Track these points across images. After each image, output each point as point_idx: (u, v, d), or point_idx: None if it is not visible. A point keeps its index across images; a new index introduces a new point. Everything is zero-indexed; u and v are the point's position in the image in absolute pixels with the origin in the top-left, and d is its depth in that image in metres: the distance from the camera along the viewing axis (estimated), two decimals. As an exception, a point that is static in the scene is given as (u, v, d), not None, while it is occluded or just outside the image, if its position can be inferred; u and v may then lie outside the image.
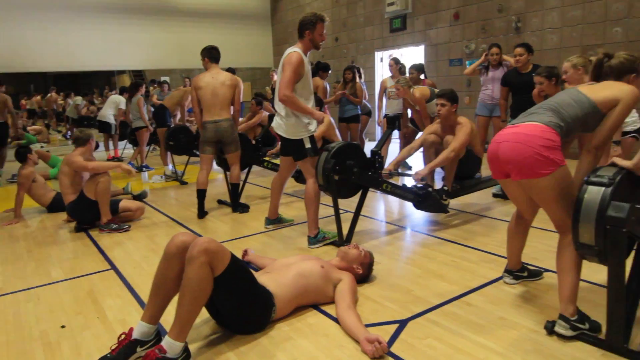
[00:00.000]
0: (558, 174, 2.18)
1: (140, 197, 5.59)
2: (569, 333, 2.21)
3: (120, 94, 9.58)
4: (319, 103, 5.47)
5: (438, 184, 4.49)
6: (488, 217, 4.30)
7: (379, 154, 3.77)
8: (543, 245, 3.33)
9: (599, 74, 2.49)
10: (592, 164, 2.32)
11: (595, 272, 2.72)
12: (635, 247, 2.26)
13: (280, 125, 3.60)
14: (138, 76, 17.20)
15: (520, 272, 2.86)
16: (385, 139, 4.03)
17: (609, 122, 2.28)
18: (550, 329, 2.27)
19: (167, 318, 2.20)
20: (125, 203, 4.65)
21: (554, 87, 3.86)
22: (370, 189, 3.86)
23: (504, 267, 2.88)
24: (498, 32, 8.04)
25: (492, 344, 2.22)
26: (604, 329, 2.17)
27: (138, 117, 7.50)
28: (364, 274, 2.89)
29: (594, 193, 2.04)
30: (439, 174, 5.23)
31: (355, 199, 3.79)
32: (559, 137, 2.21)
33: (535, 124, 2.25)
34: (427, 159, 4.37)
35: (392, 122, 4.07)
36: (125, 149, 10.03)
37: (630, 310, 2.17)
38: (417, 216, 4.46)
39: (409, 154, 4.29)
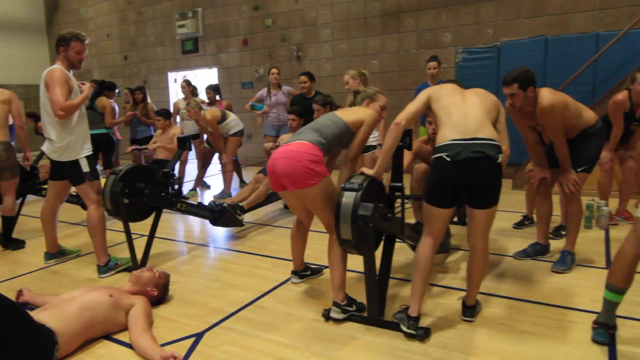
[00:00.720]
0: (323, 183, 2.58)
1: None
2: (341, 316, 2.62)
3: None
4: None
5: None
6: (279, 227, 4.69)
7: (172, 174, 3.79)
8: (322, 246, 3.78)
9: (353, 101, 3.06)
10: (348, 173, 2.82)
11: (360, 262, 3.26)
12: (383, 238, 2.82)
13: (52, 151, 3.33)
14: None
15: (304, 271, 3.24)
16: (177, 160, 4.07)
17: (358, 139, 2.81)
18: (327, 315, 2.65)
19: None
20: None
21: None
22: (166, 210, 3.85)
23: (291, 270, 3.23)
24: (283, 59, 8.82)
25: (280, 338, 2.48)
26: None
27: None
28: (159, 295, 2.89)
29: (348, 197, 2.48)
30: (235, 190, 5.48)
31: (150, 221, 3.73)
32: (321, 152, 2.62)
33: (302, 142, 2.63)
34: None
35: (182, 143, 4.11)
36: None
37: (383, 290, 2.70)
38: (216, 232, 4.59)
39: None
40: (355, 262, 2.85)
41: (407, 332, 2.39)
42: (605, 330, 2.29)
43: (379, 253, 2.68)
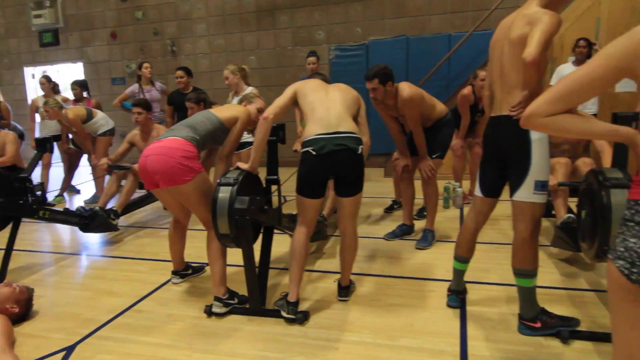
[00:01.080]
0: (198, 179, 2.58)
1: None
2: (223, 310, 2.65)
3: None
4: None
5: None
6: (159, 228, 4.54)
7: (29, 179, 3.46)
8: (203, 244, 3.76)
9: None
10: (224, 168, 2.85)
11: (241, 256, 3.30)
12: (262, 231, 2.90)
13: None
14: None
15: (185, 270, 3.20)
16: (35, 164, 3.72)
17: (232, 135, 2.85)
18: (209, 311, 2.66)
19: None
20: None
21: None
22: (29, 220, 3.51)
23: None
24: (156, 54, 8.43)
25: (160, 339, 2.44)
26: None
27: None
28: (21, 312, 2.65)
29: (224, 192, 2.52)
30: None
31: (7, 233, 3.38)
32: (195, 148, 2.62)
33: (175, 138, 2.60)
34: None
35: (42, 144, 3.73)
36: None
37: (263, 280, 2.78)
38: (89, 240, 4.29)
39: None
40: (237, 256, 2.90)
41: (287, 317, 2.51)
42: (456, 296, 2.64)
43: (259, 245, 2.76)
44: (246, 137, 3.89)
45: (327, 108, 2.50)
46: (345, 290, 2.77)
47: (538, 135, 2.10)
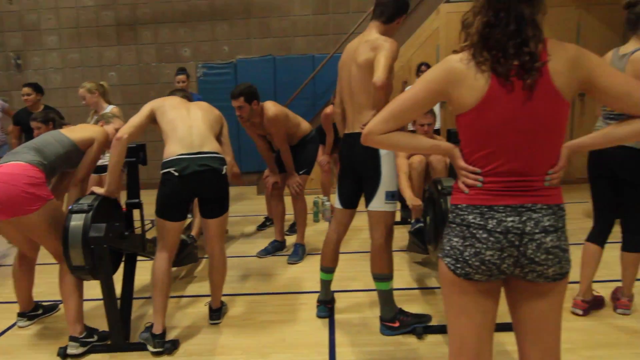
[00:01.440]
0: (46, 208, 2.34)
1: None
2: (80, 350, 2.42)
3: None
4: None
5: None
6: (6, 266, 3.99)
7: None
8: (57, 279, 3.43)
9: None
10: (78, 194, 2.64)
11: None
12: (123, 259, 2.73)
13: None
14: None
15: (34, 311, 2.87)
16: None
17: (88, 158, 2.66)
18: (63, 354, 2.41)
19: None
20: None
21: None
22: None
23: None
24: (-2, 68, 7.49)
25: (2, 393, 2.15)
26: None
27: None
28: None
29: (77, 219, 2.33)
30: None
31: None
32: (43, 173, 2.38)
33: (18, 163, 2.34)
34: None
35: None
36: None
37: (127, 313, 2.60)
38: None
39: None
40: (96, 289, 2.68)
41: (153, 352, 2.38)
42: (324, 306, 2.75)
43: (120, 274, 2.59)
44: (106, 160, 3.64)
45: (189, 127, 2.47)
46: (216, 313, 2.72)
47: (386, 150, 2.32)
